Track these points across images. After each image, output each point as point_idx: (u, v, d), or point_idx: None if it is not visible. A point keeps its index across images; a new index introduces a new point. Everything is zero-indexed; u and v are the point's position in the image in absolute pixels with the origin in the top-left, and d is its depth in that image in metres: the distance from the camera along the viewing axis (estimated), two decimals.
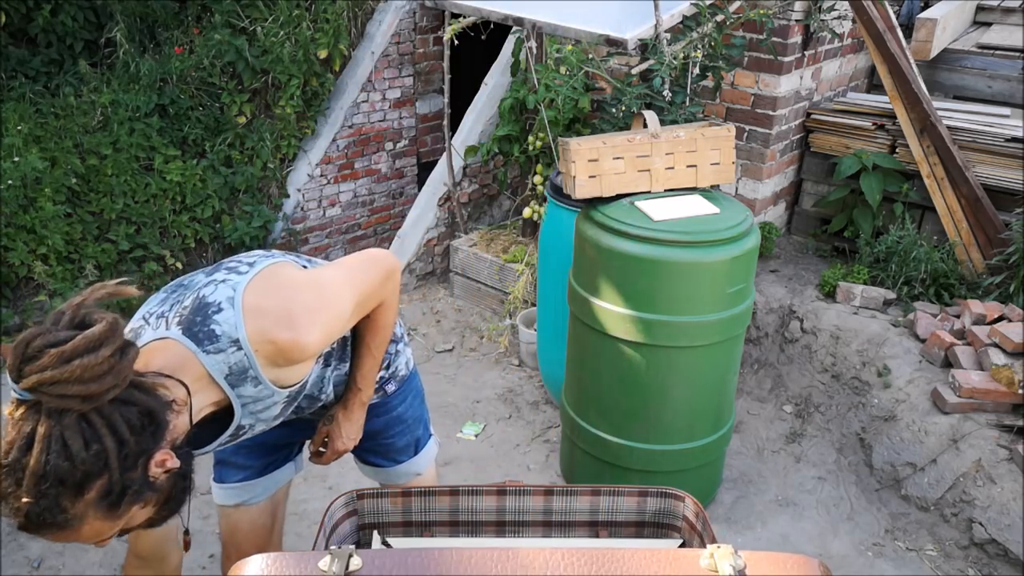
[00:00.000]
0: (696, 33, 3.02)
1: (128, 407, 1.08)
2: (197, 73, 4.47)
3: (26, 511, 1.03)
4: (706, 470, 2.81)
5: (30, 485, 1.02)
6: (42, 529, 1.06)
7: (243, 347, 1.26)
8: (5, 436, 1.04)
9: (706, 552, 1.07)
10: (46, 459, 1.01)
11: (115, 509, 1.09)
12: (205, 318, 1.26)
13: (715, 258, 2.40)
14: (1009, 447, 2.73)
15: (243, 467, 1.73)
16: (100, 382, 1.03)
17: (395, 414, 1.76)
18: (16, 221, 3.78)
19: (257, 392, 1.31)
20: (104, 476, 1.05)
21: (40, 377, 1.01)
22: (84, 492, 1.05)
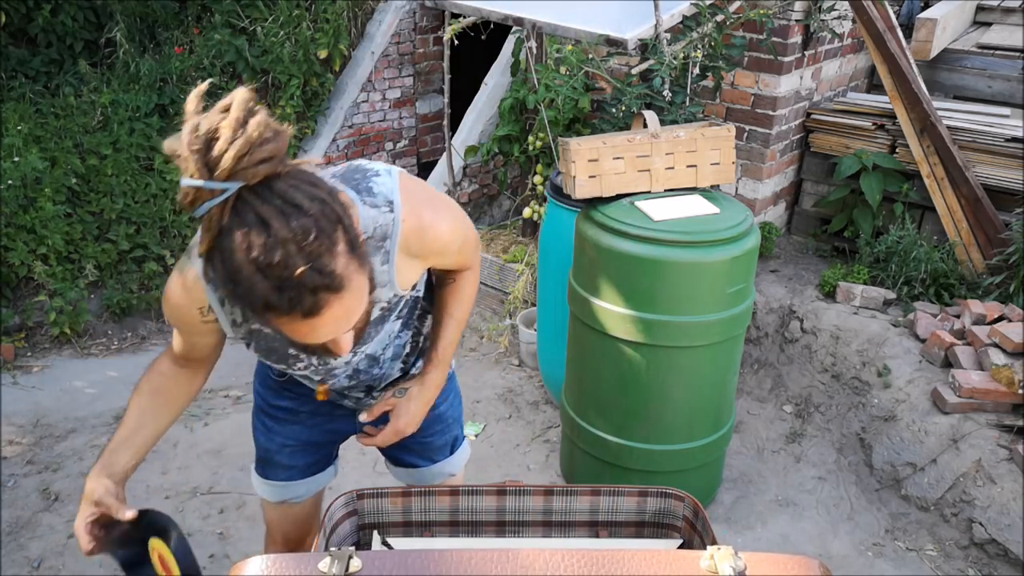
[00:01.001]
0: (696, 33, 3.02)
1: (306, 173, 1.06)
2: (197, 73, 4.48)
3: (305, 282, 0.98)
4: (706, 470, 2.81)
5: (295, 252, 0.97)
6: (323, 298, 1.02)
7: (395, 211, 1.27)
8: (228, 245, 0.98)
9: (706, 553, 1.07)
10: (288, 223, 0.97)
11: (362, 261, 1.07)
12: (364, 176, 1.28)
13: (715, 258, 2.40)
14: (1009, 447, 2.73)
15: (287, 467, 1.73)
16: (278, 138, 1.01)
17: (437, 412, 1.73)
18: (16, 221, 3.78)
19: (378, 272, 1.31)
20: (339, 224, 1.03)
21: (236, 151, 0.96)
22: (335, 242, 1.01)
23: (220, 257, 1.00)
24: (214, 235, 1.00)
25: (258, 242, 0.97)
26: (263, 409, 1.72)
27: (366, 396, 1.63)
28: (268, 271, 0.98)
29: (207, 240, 1.01)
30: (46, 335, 3.88)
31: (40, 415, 3.32)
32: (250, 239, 0.97)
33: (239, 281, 0.99)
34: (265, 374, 1.70)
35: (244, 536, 2.69)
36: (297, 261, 0.98)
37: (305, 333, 1.07)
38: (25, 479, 2.94)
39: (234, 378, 3.64)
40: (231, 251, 0.98)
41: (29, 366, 3.71)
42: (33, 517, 2.75)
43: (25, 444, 3.14)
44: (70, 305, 3.84)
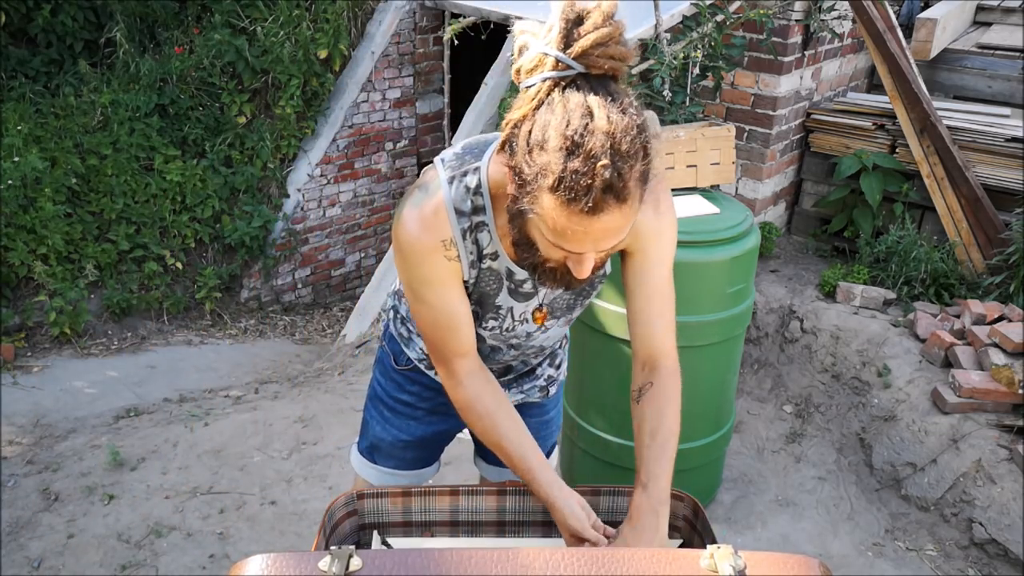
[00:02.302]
0: (696, 33, 3.02)
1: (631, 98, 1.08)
2: (197, 73, 4.48)
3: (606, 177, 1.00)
4: (706, 470, 2.81)
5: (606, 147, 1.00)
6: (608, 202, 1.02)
7: None
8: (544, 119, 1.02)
9: (706, 552, 1.07)
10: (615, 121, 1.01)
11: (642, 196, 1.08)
12: None
13: (715, 258, 2.40)
14: (1009, 447, 2.73)
15: (397, 458, 1.71)
16: (628, 47, 1.03)
17: (548, 417, 1.72)
18: (16, 221, 3.78)
19: None
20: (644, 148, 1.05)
21: (597, 36, 1.00)
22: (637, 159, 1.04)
23: (531, 128, 1.04)
24: (534, 107, 1.04)
25: (578, 123, 1.00)
26: (383, 400, 1.70)
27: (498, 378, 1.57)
28: (576, 151, 1.01)
29: (522, 112, 1.05)
30: (46, 335, 3.88)
31: (40, 415, 3.32)
32: (570, 118, 1.00)
33: (544, 152, 1.02)
34: (388, 364, 1.67)
35: (244, 536, 2.69)
36: (606, 154, 1.00)
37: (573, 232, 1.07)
38: (25, 479, 2.94)
39: (234, 378, 3.64)
40: (548, 124, 1.02)
41: (29, 366, 3.71)
42: (33, 517, 2.75)
43: (25, 444, 3.14)
44: (70, 305, 3.84)
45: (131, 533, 2.69)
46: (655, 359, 1.39)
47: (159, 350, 4.03)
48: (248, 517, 2.77)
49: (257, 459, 3.07)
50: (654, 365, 1.39)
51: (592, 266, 1.16)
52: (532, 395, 1.65)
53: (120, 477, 2.95)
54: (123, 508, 2.80)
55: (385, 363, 1.68)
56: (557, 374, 1.67)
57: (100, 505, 2.81)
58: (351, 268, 5.31)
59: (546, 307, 1.41)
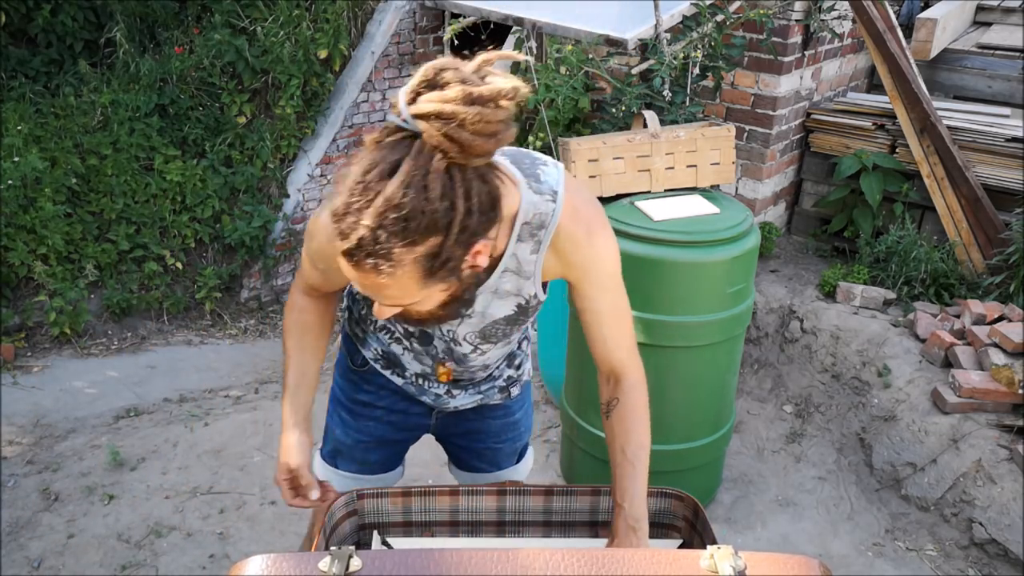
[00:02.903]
0: (696, 33, 3.02)
1: (483, 183, 1.04)
2: (197, 73, 4.48)
3: (361, 235, 1.00)
4: (706, 470, 2.81)
5: (379, 210, 0.98)
6: (365, 261, 1.02)
7: (557, 202, 1.24)
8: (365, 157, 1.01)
9: (706, 553, 1.07)
10: (404, 192, 0.97)
11: (429, 276, 1.06)
12: (532, 163, 1.26)
13: (715, 258, 2.40)
14: (1009, 447, 2.73)
15: (360, 461, 1.72)
16: (485, 141, 0.99)
17: (514, 419, 1.71)
18: (16, 221, 3.78)
19: (525, 261, 1.29)
20: (440, 236, 1.01)
21: (441, 107, 0.97)
22: (417, 243, 1.01)
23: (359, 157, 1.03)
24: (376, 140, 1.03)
25: (373, 177, 0.99)
26: (342, 402, 1.71)
27: (446, 394, 1.60)
28: (351, 198, 1.00)
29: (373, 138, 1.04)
30: (46, 335, 3.88)
31: (40, 415, 3.32)
32: (377, 167, 0.99)
33: (343, 183, 1.02)
34: (345, 366, 1.68)
35: (244, 536, 2.69)
36: (370, 218, 0.99)
37: (345, 269, 1.07)
38: (25, 479, 2.94)
39: (234, 378, 3.64)
40: (361, 161, 1.02)
41: (29, 366, 3.70)
42: (33, 517, 2.75)
43: (25, 444, 3.14)
44: (70, 305, 3.84)
45: (131, 533, 2.69)
46: (616, 375, 1.44)
47: (159, 350, 4.03)
48: (248, 517, 2.77)
49: (257, 459, 3.07)
50: (617, 380, 1.44)
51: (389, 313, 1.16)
52: (492, 396, 1.65)
53: (120, 477, 2.95)
54: (123, 508, 2.80)
55: (342, 364, 1.69)
56: (518, 374, 1.66)
57: (100, 505, 2.81)
58: None
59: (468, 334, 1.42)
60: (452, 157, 0.99)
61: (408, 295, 1.09)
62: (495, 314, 1.38)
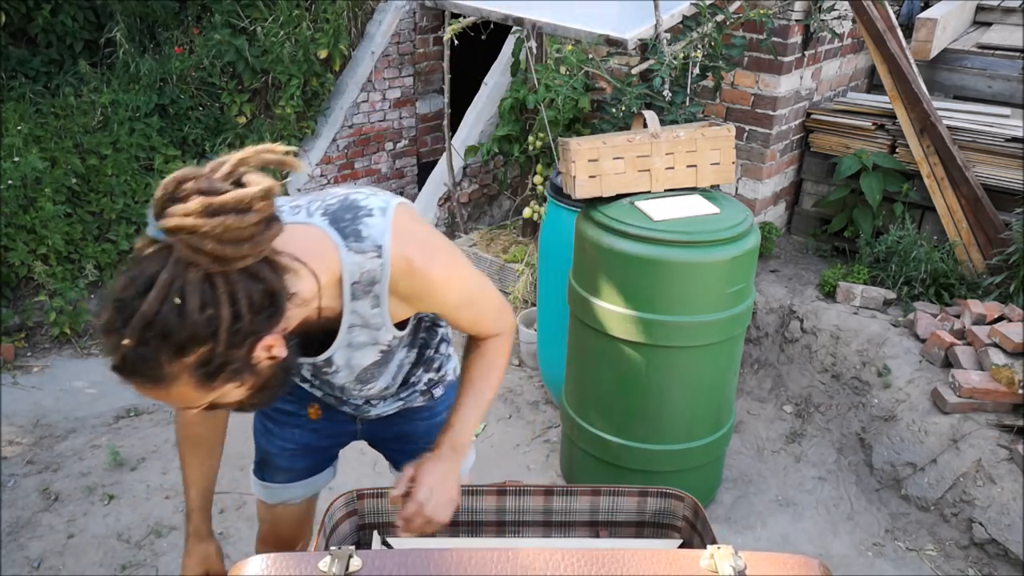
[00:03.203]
0: (696, 33, 3.02)
1: (254, 282, 1.03)
2: (197, 73, 4.48)
3: (123, 353, 0.99)
4: (706, 470, 2.81)
5: (136, 327, 0.97)
6: (133, 377, 1.02)
7: (383, 257, 1.22)
8: (128, 270, 1.00)
9: (706, 553, 1.07)
10: (159, 309, 0.97)
11: (209, 381, 1.05)
12: (355, 217, 1.23)
13: (715, 258, 2.40)
14: (1009, 447, 2.73)
15: (286, 470, 1.73)
16: (237, 247, 0.98)
17: (439, 419, 1.69)
18: (16, 221, 3.78)
19: (371, 315, 1.28)
20: (208, 344, 1.00)
21: (181, 222, 0.96)
22: (185, 354, 1.00)
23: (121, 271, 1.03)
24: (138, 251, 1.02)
25: (129, 295, 0.98)
26: (266, 411, 1.71)
27: (365, 404, 1.61)
28: (110, 317, 0.99)
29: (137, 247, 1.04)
30: (46, 335, 3.88)
31: (40, 415, 3.32)
32: (130, 285, 0.98)
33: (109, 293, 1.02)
34: None
35: (244, 536, 2.69)
36: (130, 335, 0.98)
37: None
38: (25, 479, 2.94)
39: None
40: (122, 276, 1.01)
41: (29, 366, 3.71)
42: (33, 517, 2.75)
43: (25, 444, 3.14)
44: (70, 305, 3.84)
45: (131, 533, 2.69)
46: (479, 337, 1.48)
47: None
48: (248, 517, 2.77)
49: None
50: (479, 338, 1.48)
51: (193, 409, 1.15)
52: (414, 400, 1.65)
53: (120, 477, 2.95)
54: (123, 508, 2.80)
55: None
56: (439, 376, 1.66)
57: (100, 505, 2.81)
58: None
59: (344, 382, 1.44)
60: (207, 267, 0.98)
61: (193, 401, 1.09)
62: (361, 363, 1.39)
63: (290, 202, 1.27)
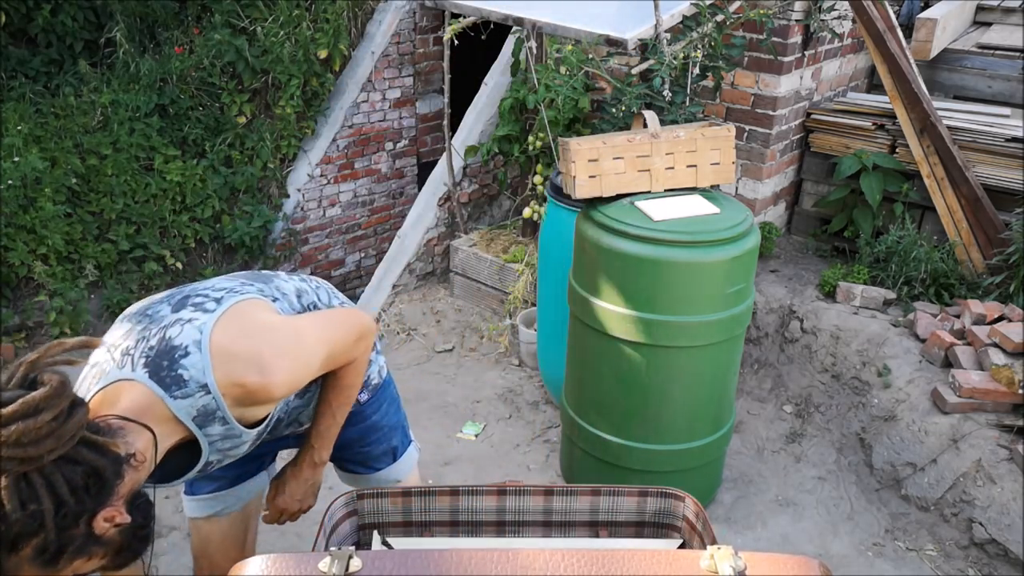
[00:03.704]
0: (696, 33, 3.02)
1: (72, 466, 1.05)
2: (197, 73, 4.47)
3: None
4: (706, 470, 2.81)
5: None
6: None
7: (211, 391, 1.26)
8: None
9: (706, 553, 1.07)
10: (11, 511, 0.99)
11: (53, 564, 1.07)
12: (172, 362, 1.25)
13: (715, 258, 2.40)
14: (1009, 447, 2.73)
15: (215, 478, 1.72)
16: (38, 446, 1.00)
17: (370, 423, 1.74)
18: (16, 221, 3.78)
19: (225, 431, 1.32)
20: (39, 535, 1.03)
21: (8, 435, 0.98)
22: (17, 549, 1.02)
23: None
24: None
25: None
26: None
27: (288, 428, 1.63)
28: None
29: None
30: (46, 335, 3.87)
31: None
32: None
33: None
34: None
35: None
36: None
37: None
38: None
39: None
40: None
41: None
42: None
43: None
44: (70, 305, 3.84)
45: None
46: None
47: None
48: None
49: None
50: None
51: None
52: None
53: None
54: None
55: None
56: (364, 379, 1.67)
57: None
58: (351, 268, 5.31)
59: None
60: (16, 469, 1.00)
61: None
62: (238, 454, 1.41)
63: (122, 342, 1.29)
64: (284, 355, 1.31)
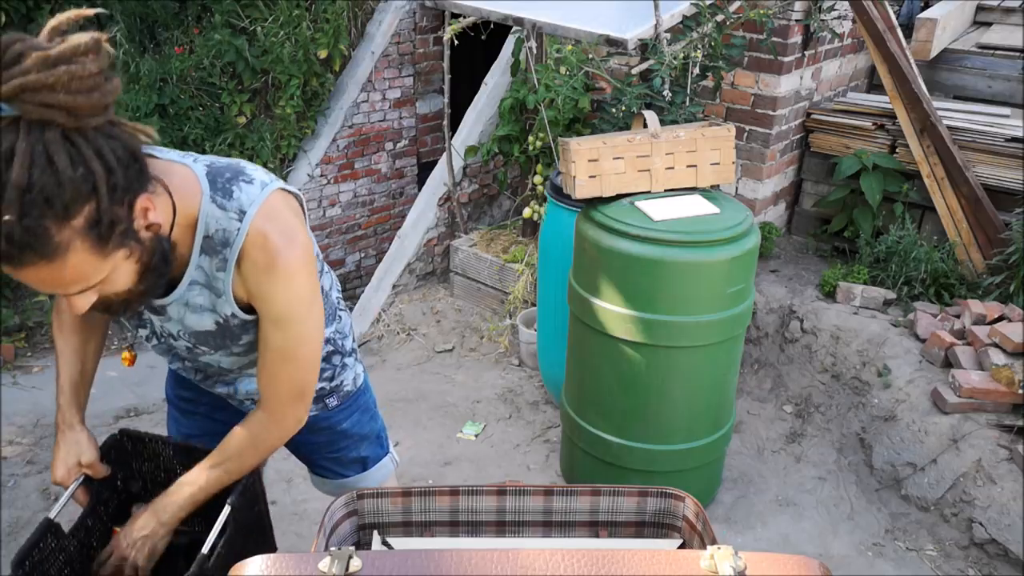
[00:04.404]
0: (696, 33, 3.02)
1: (113, 141, 1.03)
2: (197, 73, 4.47)
3: (8, 231, 0.95)
4: (706, 470, 2.81)
5: (13, 199, 0.94)
6: (26, 254, 0.98)
7: (243, 222, 1.24)
8: None
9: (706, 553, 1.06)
10: (30, 173, 0.94)
11: (104, 244, 1.04)
12: (234, 177, 1.26)
13: (715, 258, 2.40)
14: (1009, 447, 2.73)
15: None
16: (88, 96, 0.97)
17: (339, 430, 1.71)
18: None
19: (214, 277, 1.28)
20: (92, 201, 1.00)
21: (23, 81, 0.93)
22: (71, 215, 0.98)
23: None
24: None
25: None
26: (171, 399, 1.74)
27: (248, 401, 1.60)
28: None
29: None
30: (46, 335, 3.88)
31: (40, 415, 3.32)
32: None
33: None
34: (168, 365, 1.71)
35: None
36: (9, 210, 0.95)
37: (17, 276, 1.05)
38: (25, 479, 2.94)
39: None
40: None
41: (29, 366, 3.71)
42: (33, 517, 2.75)
43: (25, 444, 3.14)
44: None
45: None
46: (263, 400, 1.43)
47: None
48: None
49: None
50: (262, 404, 1.43)
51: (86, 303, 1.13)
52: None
53: None
54: None
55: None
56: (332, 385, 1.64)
57: None
58: (351, 268, 5.31)
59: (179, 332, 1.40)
60: (62, 123, 0.97)
61: (93, 273, 1.07)
62: (193, 325, 1.37)
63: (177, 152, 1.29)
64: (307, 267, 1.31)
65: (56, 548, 1.39)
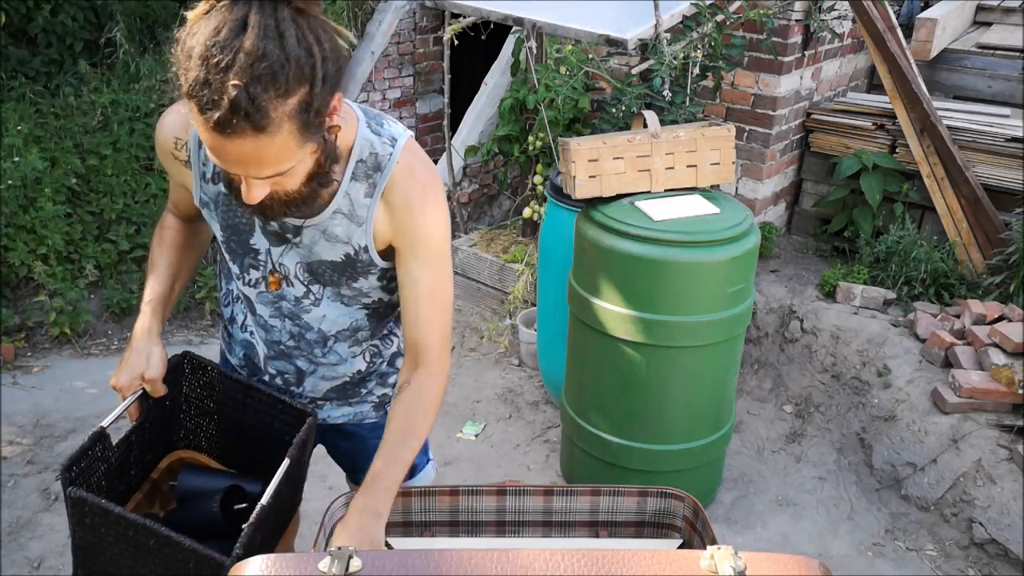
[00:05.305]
0: (696, 33, 3.02)
1: (326, 32, 1.06)
2: None
3: (232, 98, 0.97)
4: (706, 470, 2.81)
5: (244, 66, 0.97)
6: (241, 124, 1.00)
7: (395, 147, 1.28)
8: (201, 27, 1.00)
9: (706, 553, 1.06)
10: (263, 44, 0.97)
11: (305, 131, 1.06)
12: (381, 116, 1.33)
13: (715, 258, 2.40)
14: (1009, 447, 2.73)
15: None
16: None
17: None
18: (16, 221, 3.78)
19: (359, 204, 1.30)
20: (307, 85, 1.02)
21: None
22: (290, 94, 1.01)
23: (193, 30, 1.02)
24: (204, 11, 1.02)
25: (225, 36, 0.98)
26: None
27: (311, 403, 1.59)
28: (209, 63, 0.98)
29: (195, 14, 1.03)
30: (46, 335, 3.88)
31: (40, 415, 3.32)
32: (221, 29, 0.98)
33: (190, 58, 1.00)
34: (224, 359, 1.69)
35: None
36: (238, 76, 0.97)
37: (212, 147, 1.06)
38: (25, 479, 2.94)
39: None
40: (200, 30, 1.00)
41: (29, 366, 3.70)
42: (33, 517, 2.75)
43: (25, 444, 3.14)
44: (70, 305, 3.84)
45: None
46: (418, 354, 1.38)
47: None
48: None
49: None
50: (416, 361, 1.38)
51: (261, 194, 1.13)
52: (366, 414, 1.64)
53: None
54: None
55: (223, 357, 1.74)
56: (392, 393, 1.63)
57: None
58: None
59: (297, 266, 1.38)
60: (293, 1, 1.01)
61: (287, 157, 1.08)
62: (321, 254, 1.36)
63: None
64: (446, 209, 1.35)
65: (100, 459, 1.39)
